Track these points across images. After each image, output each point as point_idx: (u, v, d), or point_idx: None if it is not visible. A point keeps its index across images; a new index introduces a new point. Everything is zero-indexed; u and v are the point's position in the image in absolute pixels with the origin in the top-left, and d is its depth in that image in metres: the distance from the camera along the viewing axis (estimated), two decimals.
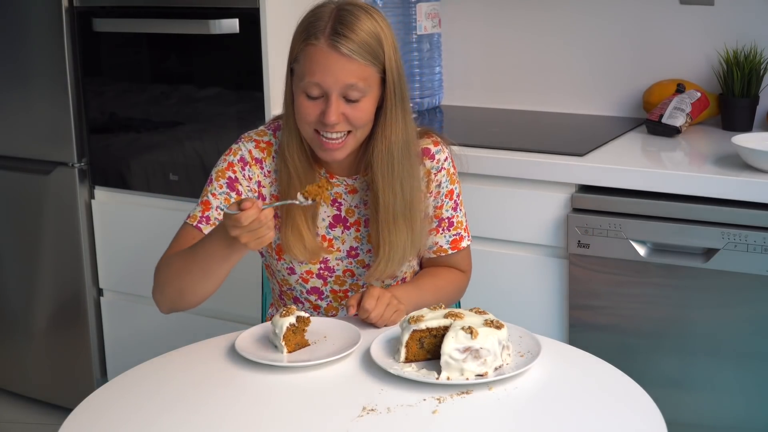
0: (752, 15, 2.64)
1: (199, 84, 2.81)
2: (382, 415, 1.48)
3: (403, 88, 1.83)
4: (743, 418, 2.22)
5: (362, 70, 1.76)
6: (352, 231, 1.94)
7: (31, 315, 3.23)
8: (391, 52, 1.80)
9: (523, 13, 2.94)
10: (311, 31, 1.76)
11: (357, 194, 1.93)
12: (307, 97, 1.78)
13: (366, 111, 1.79)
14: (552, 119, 2.88)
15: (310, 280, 1.95)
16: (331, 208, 1.93)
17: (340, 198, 1.93)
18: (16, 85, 3.07)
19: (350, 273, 1.95)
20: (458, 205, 1.99)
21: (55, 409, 3.24)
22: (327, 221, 1.93)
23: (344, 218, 1.93)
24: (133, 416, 1.52)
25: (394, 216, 1.85)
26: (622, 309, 2.31)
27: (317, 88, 1.76)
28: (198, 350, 1.76)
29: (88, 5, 2.92)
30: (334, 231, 1.93)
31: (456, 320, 1.60)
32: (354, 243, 1.94)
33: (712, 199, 2.18)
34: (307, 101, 1.78)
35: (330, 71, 1.74)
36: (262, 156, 1.91)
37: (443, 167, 1.94)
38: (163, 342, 2.59)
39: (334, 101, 1.76)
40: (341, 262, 1.94)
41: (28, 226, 3.15)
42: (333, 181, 1.92)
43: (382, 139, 1.83)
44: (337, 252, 1.94)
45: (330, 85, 1.75)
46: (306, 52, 1.77)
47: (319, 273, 1.95)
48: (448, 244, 1.98)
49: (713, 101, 2.66)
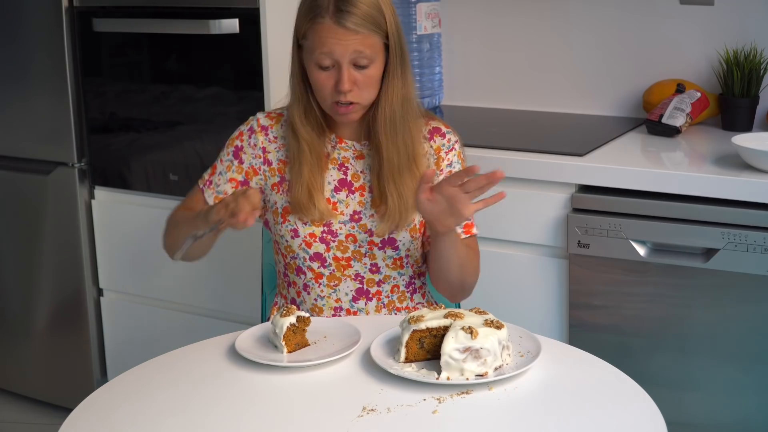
0: (752, 15, 2.64)
1: (199, 84, 2.81)
2: (382, 415, 1.48)
3: (404, 47, 1.94)
4: (743, 418, 2.22)
5: (368, 39, 1.86)
6: (356, 195, 1.99)
7: (31, 315, 3.23)
8: (391, 17, 1.90)
9: (523, 13, 2.94)
10: (315, 10, 1.86)
11: (363, 160, 2.00)
12: (320, 68, 1.88)
13: (375, 76, 1.90)
14: (552, 119, 2.88)
15: (313, 245, 1.99)
16: (338, 171, 2.00)
17: (347, 162, 2.00)
18: (16, 85, 3.07)
19: (353, 238, 1.99)
20: None
21: (55, 409, 3.24)
22: (333, 185, 2.00)
23: (350, 182, 2.00)
24: (133, 416, 1.52)
25: (399, 169, 1.94)
26: (622, 309, 2.31)
27: (328, 59, 1.86)
28: (198, 350, 1.76)
29: (88, 5, 2.92)
30: (338, 194, 1.99)
31: (456, 320, 1.60)
32: (357, 207, 1.99)
33: (712, 199, 2.18)
34: (321, 73, 1.88)
35: (338, 44, 1.85)
36: (269, 123, 2.03)
37: (454, 147, 2.03)
38: (163, 342, 2.59)
39: (346, 70, 1.86)
40: (344, 226, 1.98)
41: (28, 226, 3.15)
42: (342, 146, 2.00)
43: (385, 99, 1.93)
44: (340, 215, 1.99)
45: (340, 55, 1.85)
46: (314, 30, 1.87)
47: (322, 237, 1.98)
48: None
49: (713, 101, 2.66)
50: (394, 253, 2.01)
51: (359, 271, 2.01)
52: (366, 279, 2.01)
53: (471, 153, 2.39)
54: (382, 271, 2.02)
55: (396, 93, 1.93)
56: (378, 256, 2.00)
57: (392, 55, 1.91)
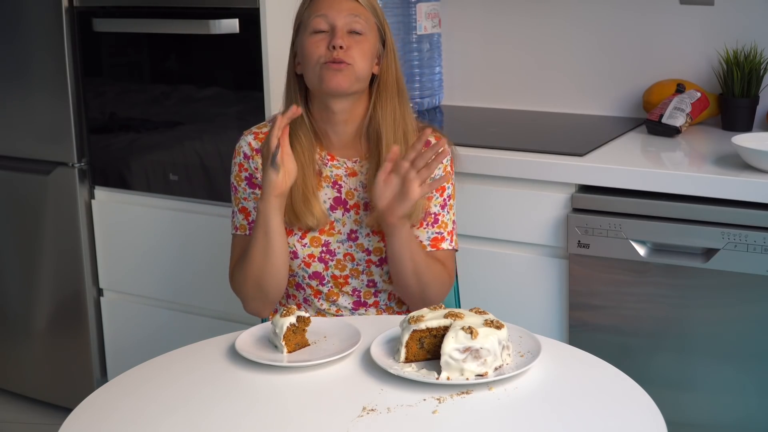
0: (752, 15, 2.64)
1: (199, 84, 2.81)
2: (382, 415, 1.48)
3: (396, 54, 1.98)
4: (743, 418, 2.22)
5: (364, 11, 1.92)
6: (351, 213, 1.99)
7: (31, 315, 3.23)
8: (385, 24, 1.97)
9: (523, 13, 2.94)
10: None
11: (356, 177, 1.99)
12: (315, 32, 1.90)
13: (367, 49, 1.92)
14: (552, 119, 2.88)
15: (312, 264, 1.99)
16: (332, 189, 1.99)
17: (340, 180, 1.99)
18: (16, 85, 3.07)
19: (350, 257, 1.99)
20: (447, 206, 2.01)
21: (55, 409, 3.24)
22: (328, 203, 2.00)
23: (344, 200, 2.00)
24: (133, 416, 1.52)
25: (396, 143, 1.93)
26: (622, 309, 2.31)
27: (324, 21, 1.90)
28: (198, 350, 1.76)
29: (88, 5, 2.92)
30: (335, 213, 2.00)
31: (456, 320, 1.60)
32: (354, 226, 1.99)
33: (712, 199, 2.18)
34: (316, 36, 1.91)
35: (336, 5, 1.90)
36: (259, 145, 1.99)
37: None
38: (163, 342, 2.60)
39: (341, 28, 1.89)
40: (342, 245, 1.99)
41: (28, 226, 3.15)
42: (334, 163, 2.00)
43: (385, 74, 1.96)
44: (338, 234, 1.99)
45: (335, 15, 1.90)
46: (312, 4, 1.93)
47: (321, 257, 1.99)
48: (428, 241, 2.00)
49: (713, 101, 2.66)
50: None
51: (356, 287, 2.02)
52: (363, 292, 2.03)
53: (471, 153, 2.39)
54: (379, 286, 2.03)
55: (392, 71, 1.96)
56: (375, 272, 2.01)
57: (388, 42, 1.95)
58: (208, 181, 2.82)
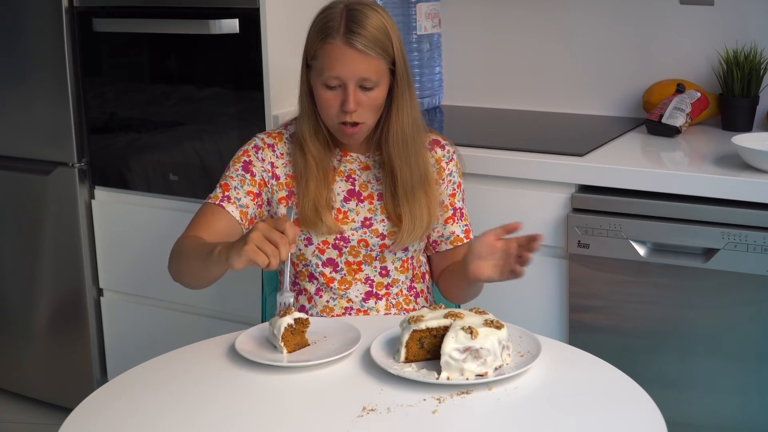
0: (752, 15, 2.64)
1: (199, 84, 2.81)
2: (382, 415, 1.48)
3: (409, 73, 2.00)
4: (743, 418, 2.22)
5: (375, 63, 1.92)
6: (365, 203, 2.05)
7: (31, 315, 3.23)
8: (398, 44, 1.97)
9: (523, 14, 2.94)
10: (327, 31, 1.92)
11: (369, 171, 2.06)
12: (327, 88, 1.94)
13: (379, 98, 1.96)
14: (552, 119, 2.88)
15: (326, 251, 2.04)
16: (346, 183, 2.05)
17: (354, 174, 2.06)
18: (16, 85, 3.07)
19: (365, 243, 2.04)
20: (464, 200, 2.13)
21: (55, 409, 3.24)
22: (342, 195, 2.05)
23: (358, 192, 2.05)
24: (133, 416, 1.52)
25: (412, 188, 2.00)
26: (622, 309, 2.31)
27: (336, 80, 1.93)
28: (198, 350, 1.76)
29: (88, 5, 2.92)
30: (348, 204, 2.05)
31: (456, 320, 1.60)
32: (368, 214, 2.05)
33: (712, 199, 2.18)
34: (328, 93, 1.94)
35: (347, 65, 1.91)
36: (273, 141, 2.07)
37: (453, 158, 2.11)
38: (163, 342, 2.59)
39: (352, 91, 1.92)
40: (356, 232, 2.04)
41: (28, 226, 3.15)
42: (347, 159, 2.06)
43: (396, 122, 1.99)
44: (352, 222, 2.04)
45: (347, 77, 1.91)
46: (324, 50, 1.93)
47: (335, 243, 2.04)
48: (463, 233, 2.11)
49: (713, 101, 2.66)
50: (403, 255, 2.07)
51: (369, 274, 2.06)
52: (375, 282, 2.06)
53: (471, 153, 2.39)
54: (391, 274, 2.07)
55: (405, 115, 1.99)
56: (388, 258, 2.06)
57: (399, 79, 1.97)
58: (208, 181, 2.81)
